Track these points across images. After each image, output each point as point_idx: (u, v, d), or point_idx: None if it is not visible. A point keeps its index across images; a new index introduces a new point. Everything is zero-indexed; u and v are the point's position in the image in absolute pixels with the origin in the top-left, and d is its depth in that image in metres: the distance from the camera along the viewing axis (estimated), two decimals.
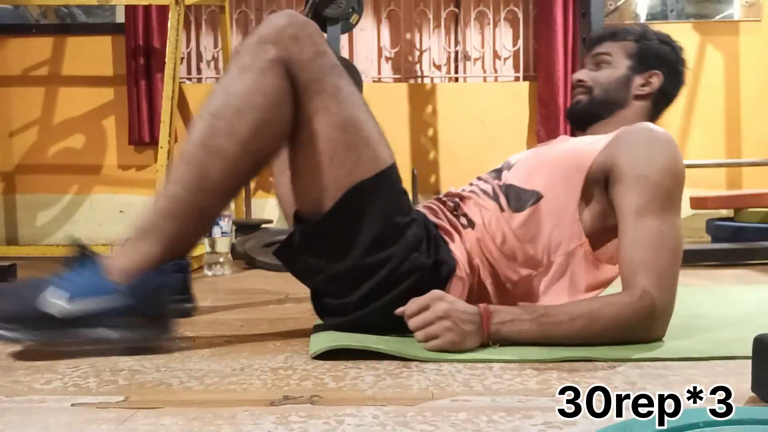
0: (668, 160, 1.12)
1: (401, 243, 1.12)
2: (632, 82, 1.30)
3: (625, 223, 1.11)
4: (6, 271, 2.05)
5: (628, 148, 1.14)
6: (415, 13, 3.39)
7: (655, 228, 1.09)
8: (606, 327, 1.06)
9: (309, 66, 1.07)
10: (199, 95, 3.24)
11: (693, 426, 0.64)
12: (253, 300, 1.65)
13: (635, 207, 1.10)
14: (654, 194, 1.10)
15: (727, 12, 3.33)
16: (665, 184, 1.11)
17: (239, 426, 0.76)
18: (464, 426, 0.75)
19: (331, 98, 1.08)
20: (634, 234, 1.10)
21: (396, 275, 1.12)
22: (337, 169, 1.09)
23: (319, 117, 1.08)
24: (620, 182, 1.13)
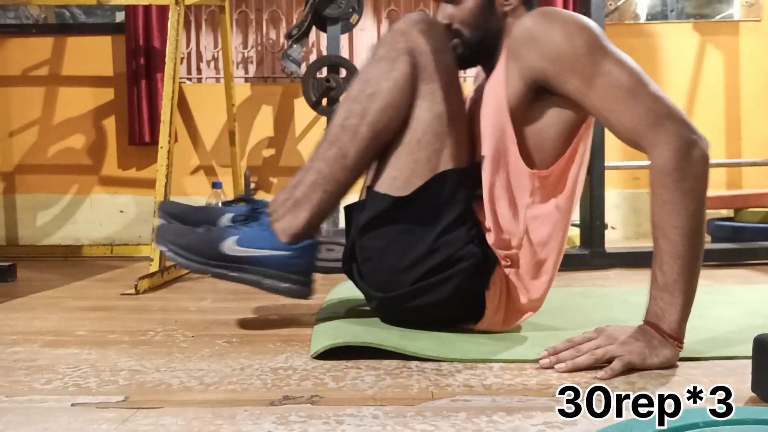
0: (561, 25, 1.09)
1: (461, 233, 1.16)
2: (494, 1, 1.23)
3: (585, 102, 1.08)
4: (6, 271, 2.05)
5: (528, 48, 1.11)
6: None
7: (609, 85, 1.05)
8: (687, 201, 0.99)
9: (429, 57, 1.17)
10: (199, 95, 3.24)
11: (693, 426, 0.64)
12: (253, 300, 1.65)
13: (580, 84, 1.07)
14: (579, 61, 1.07)
15: (727, 12, 3.33)
16: (576, 45, 1.07)
17: (239, 426, 0.76)
18: (464, 426, 0.75)
19: (440, 89, 1.17)
20: (600, 105, 1.06)
21: (448, 262, 1.15)
22: (421, 151, 1.17)
23: (423, 101, 1.17)
24: (550, 78, 1.10)
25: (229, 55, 2.82)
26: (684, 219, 0.99)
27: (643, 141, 1.03)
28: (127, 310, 1.57)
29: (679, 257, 0.99)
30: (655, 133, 1.01)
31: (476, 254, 1.15)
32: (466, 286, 1.15)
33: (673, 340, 0.99)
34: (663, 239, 1.00)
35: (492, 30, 1.24)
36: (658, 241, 1.01)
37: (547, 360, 1.00)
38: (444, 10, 1.24)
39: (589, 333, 1.03)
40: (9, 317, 1.47)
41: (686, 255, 0.99)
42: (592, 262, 2.23)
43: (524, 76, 1.13)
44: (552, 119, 1.16)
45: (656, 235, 1.01)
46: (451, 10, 1.24)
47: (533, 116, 1.17)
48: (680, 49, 3.29)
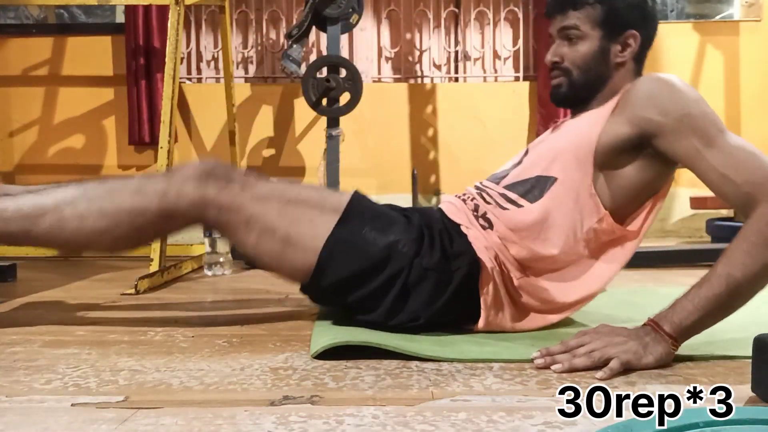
0: (689, 92, 1.14)
1: (397, 259, 1.17)
2: (609, 52, 1.24)
3: (700, 161, 1.10)
4: (6, 271, 2.05)
5: (650, 102, 1.14)
6: (415, 13, 3.39)
7: (731, 146, 1.09)
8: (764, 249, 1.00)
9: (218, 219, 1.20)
10: (199, 95, 3.24)
11: (693, 426, 0.64)
12: (253, 300, 1.65)
13: (699, 143, 1.10)
14: (704, 123, 1.11)
15: (727, 12, 3.33)
16: (704, 111, 1.12)
17: (239, 426, 0.76)
18: (464, 426, 0.75)
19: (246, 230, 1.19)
20: (717, 163, 1.08)
21: (411, 286, 1.17)
22: (298, 251, 1.19)
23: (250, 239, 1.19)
24: (665, 133, 1.12)
25: (229, 55, 2.82)
26: (756, 265, 1.00)
27: (761, 191, 1.04)
28: (127, 310, 1.57)
29: (725, 286, 0.99)
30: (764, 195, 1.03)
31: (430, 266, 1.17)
32: (450, 290, 1.17)
33: (669, 338, 0.99)
34: (723, 266, 1.01)
35: (600, 76, 1.25)
36: (717, 266, 1.01)
37: (542, 360, 1.00)
38: (559, 48, 1.27)
39: (583, 336, 1.03)
40: (9, 317, 1.47)
41: (732, 289, 0.99)
42: None
43: (633, 124, 1.15)
44: (632, 177, 1.19)
45: (719, 261, 1.02)
46: (566, 50, 1.26)
47: (615, 166, 1.19)
48: (680, 49, 3.29)
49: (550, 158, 1.23)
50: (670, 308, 1.02)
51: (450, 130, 3.32)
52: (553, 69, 1.28)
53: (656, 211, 1.24)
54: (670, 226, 3.25)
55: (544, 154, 1.25)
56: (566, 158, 1.20)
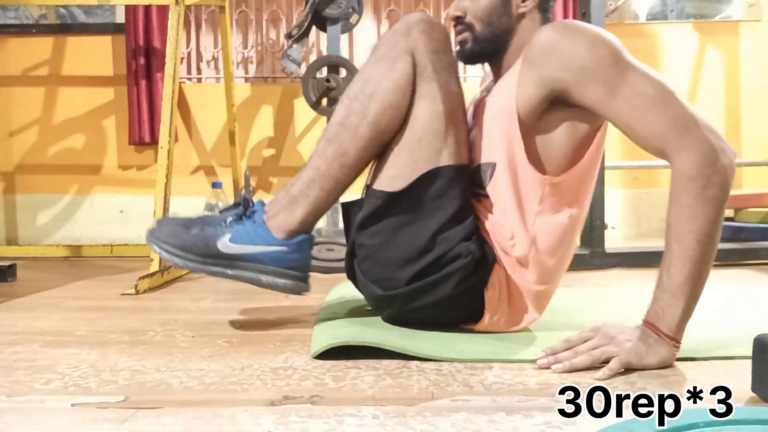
0: (583, 38, 1.09)
1: (458, 230, 1.16)
2: (511, 2, 1.23)
3: (608, 113, 1.08)
4: (6, 271, 2.05)
5: (549, 57, 1.10)
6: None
7: (633, 94, 1.05)
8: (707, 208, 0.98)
9: (429, 56, 1.18)
10: (199, 95, 3.24)
11: (693, 426, 0.64)
12: (253, 300, 1.65)
13: (602, 93, 1.07)
14: (603, 72, 1.06)
15: (727, 12, 3.33)
16: (600, 56, 1.07)
17: (239, 426, 0.76)
18: (464, 426, 0.75)
19: (439, 89, 1.18)
20: (623, 114, 1.06)
21: (444, 259, 1.15)
22: (422, 150, 1.17)
23: (423, 101, 1.18)
24: (569, 88, 1.10)
25: (229, 55, 2.82)
26: (701, 225, 0.98)
27: (669, 146, 1.02)
28: (127, 310, 1.57)
29: (689, 261, 0.99)
30: (683, 138, 1.01)
31: (473, 251, 1.15)
32: (465, 285, 1.15)
33: (670, 340, 0.99)
34: (676, 242, 1.00)
35: (504, 28, 1.24)
36: (671, 243, 1.00)
37: (545, 360, 1.00)
38: (460, 2, 1.25)
39: (586, 333, 1.03)
40: (9, 317, 1.47)
41: (696, 260, 0.99)
42: (592, 262, 2.23)
43: (541, 84, 1.12)
44: (563, 129, 1.16)
45: (669, 237, 1.01)
46: (467, 2, 1.24)
47: (544, 125, 1.16)
48: (680, 49, 3.29)
49: (485, 145, 1.20)
50: (655, 304, 1.01)
51: None
52: (457, 25, 1.27)
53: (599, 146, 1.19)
54: None
55: (479, 142, 1.22)
56: (499, 138, 1.18)
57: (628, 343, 0.99)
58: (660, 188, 3.22)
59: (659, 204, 1.13)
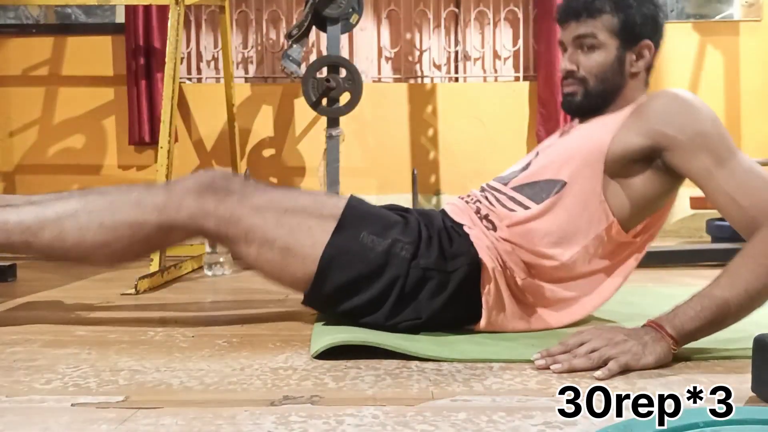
0: (706, 111, 1.14)
1: (395, 262, 1.17)
2: (625, 62, 1.24)
3: (710, 181, 1.11)
4: (6, 271, 2.05)
5: (666, 117, 1.14)
6: (415, 13, 3.39)
7: (742, 169, 1.10)
8: None
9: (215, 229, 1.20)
10: (199, 95, 3.24)
11: (693, 426, 0.64)
12: (253, 300, 1.65)
13: (711, 163, 1.11)
14: (717, 144, 1.11)
15: (727, 12, 3.33)
16: (719, 131, 1.12)
17: (239, 426, 0.76)
18: (464, 426, 0.75)
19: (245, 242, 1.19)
20: (726, 185, 1.09)
21: (411, 288, 1.17)
22: (298, 260, 1.19)
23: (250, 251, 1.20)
24: (678, 149, 1.13)
25: (229, 55, 2.82)
26: (759, 280, 1.00)
27: (756, 221, 1.05)
28: (127, 310, 1.57)
29: (726, 301, 1.00)
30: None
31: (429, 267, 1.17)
32: (450, 292, 1.18)
33: (670, 339, 0.99)
34: (727, 279, 1.02)
35: (615, 86, 1.25)
36: (721, 279, 1.02)
37: (542, 361, 1.00)
38: (574, 56, 1.26)
39: (583, 335, 1.03)
40: (9, 317, 1.47)
41: (734, 303, 1.00)
42: None
43: (647, 136, 1.15)
44: (640, 189, 1.19)
45: (723, 274, 1.03)
46: (582, 58, 1.25)
47: (624, 175, 1.19)
48: (680, 49, 3.29)
49: (560, 162, 1.23)
50: (671, 312, 1.02)
51: (450, 130, 3.32)
52: (567, 77, 1.27)
53: (660, 224, 1.26)
54: (670, 226, 3.25)
55: (555, 157, 1.25)
56: (577, 163, 1.20)
57: (625, 344, 0.99)
58: None
59: None
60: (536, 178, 1.24)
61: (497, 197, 1.26)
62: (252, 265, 1.23)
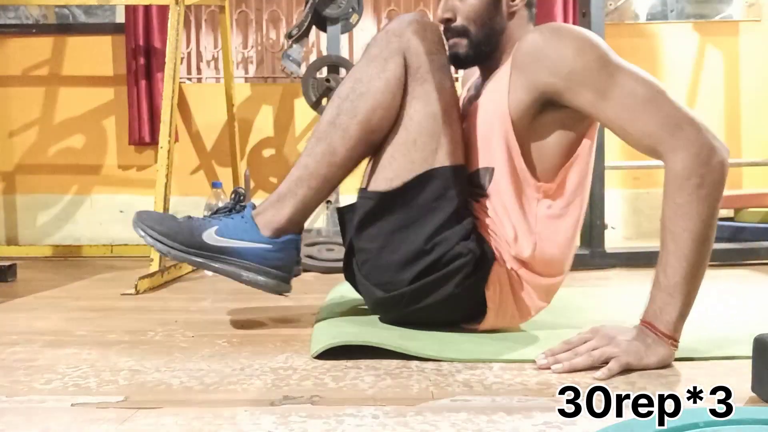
0: (571, 41, 1.09)
1: (457, 230, 1.15)
2: (501, 1, 1.22)
3: (599, 116, 1.09)
4: (6, 271, 2.05)
5: (538, 63, 1.11)
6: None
7: (624, 95, 1.05)
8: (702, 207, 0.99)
9: (422, 57, 1.18)
10: (199, 95, 3.24)
11: (693, 426, 0.64)
12: (253, 300, 1.65)
13: (593, 97, 1.07)
14: (593, 75, 1.07)
15: (727, 12, 3.33)
16: (589, 60, 1.08)
17: (239, 426, 0.76)
18: (464, 426, 0.75)
19: (433, 90, 1.18)
20: (614, 117, 1.06)
21: (445, 258, 1.15)
22: (417, 152, 1.17)
23: (417, 102, 1.17)
24: (560, 92, 1.10)
25: (229, 55, 2.82)
26: (696, 224, 0.99)
27: (662, 146, 1.03)
28: (127, 310, 1.57)
29: (685, 260, 0.99)
30: (676, 137, 1.01)
31: (473, 250, 1.15)
32: (467, 283, 1.15)
33: (668, 339, 0.99)
34: (671, 242, 1.00)
35: (496, 29, 1.24)
36: (666, 243, 1.01)
37: (545, 361, 1.00)
38: (448, 3, 1.24)
39: (585, 334, 1.03)
40: (9, 317, 1.47)
41: (692, 259, 0.99)
42: (592, 262, 2.23)
43: (531, 89, 1.13)
44: (555, 132, 1.17)
45: (664, 237, 1.01)
46: (457, 3, 1.23)
47: (537, 129, 1.17)
48: (680, 49, 3.29)
49: (481, 148, 1.21)
50: (652, 304, 1.01)
51: None
52: (448, 30, 1.25)
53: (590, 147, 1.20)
54: None
55: (474, 144, 1.22)
56: (493, 143, 1.18)
57: (627, 344, 0.99)
58: (660, 188, 3.21)
59: (659, 204, 1.12)
60: (473, 167, 1.22)
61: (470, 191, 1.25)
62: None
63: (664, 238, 1.01)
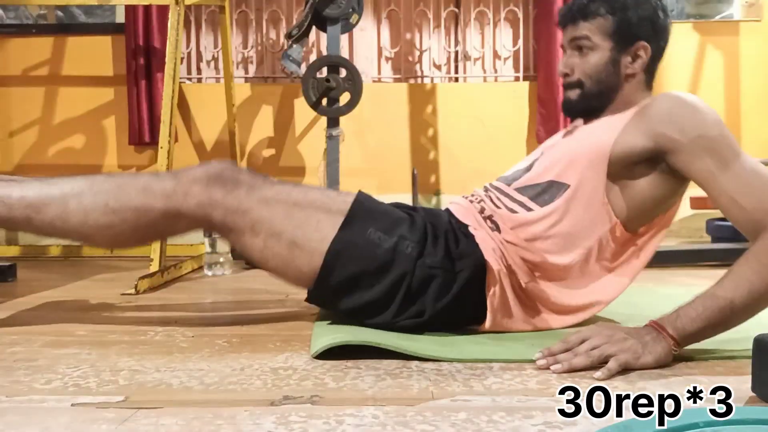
0: (709, 113, 1.14)
1: (401, 260, 1.17)
2: (620, 63, 1.25)
3: (713, 184, 1.11)
4: (6, 271, 2.05)
5: (669, 119, 1.15)
6: (415, 13, 3.39)
7: (745, 171, 1.10)
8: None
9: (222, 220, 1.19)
10: (199, 95, 3.23)
11: (693, 426, 0.64)
12: (253, 300, 1.65)
13: (714, 165, 1.11)
14: (721, 146, 1.11)
15: (727, 12, 3.33)
16: (722, 133, 1.12)
17: (239, 426, 0.76)
18: (464, 426, 0.75)
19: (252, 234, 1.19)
20: (730, 187, 1.10)
21: (417, 287, 1.17)
22: (304, 253, 1.18)
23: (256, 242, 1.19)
24: (680, 151, 1.13)
25: (229, 55, 2.82)
26: (761, 284, 1.00)
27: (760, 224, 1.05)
28: (127, 310, 1.57)
29: (729, 302, 1.00)
30: None
31: (434, 265, 1.17)
32: (463, 290, 1.17)
33: (671, 340, 1.00)
34: (730, 282, 1.02)
35: (611, 87, 1.26)
36: (724, 282, 1.02)
37: (544, 361, 1.00)
38: (569, 59, 1.27)
39: (584, 333, 1.03)
40: (9, 317, 1.47)
41: (737, 304, 1.00)
42: None
43: (650, 137, 1.16)
44: (644, 190, 1.20)
45: (726, 276, 1.03)
46: (577, 60, 1.26)
47: (628, 176, 1.20)
48: (680, 49, 3.28)
49: (564, 164, 1.23)
50: (673, 313, 1.02)
51: (450, 130, 3.32)
52: (565, 80, 1.29)
53: (665, 226, 1.26)
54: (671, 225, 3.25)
55: (558, 158, 1.25)
56: (580, 164, 1.21)
57: (625, 342, 0.99)
58: None
59: None
60: (540, 179, 1.24)
61: (501, 198, 1.26)
62: (257, 259, 1.22)
63: (725, 276, 1.03)
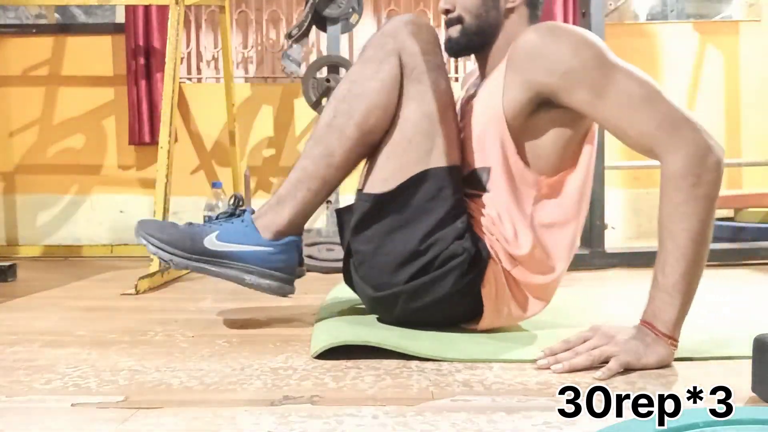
0: (568, 40, 1.10)
1: (451, 230, 1.16)
2: None
3: (596, 115, 1.09)
4: (6, 271, 2.05)
5: (534, 62, 1.11)
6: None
7: (622, 95, 1.06)
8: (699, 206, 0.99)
9: (417, 58, 1.19)
10: (199, 95, 3.23)
11: (693, 426, 0.64)
12: (253, 300, 1.65)
13: (589, 96, 1.08)
14: (590, 75, 1.07)
15: (727, 12, 3.33)
16: (586, 58, 1.08)
17: (239, 426, 0.76)
18: (464, 426, 0.75)
19: (428, 90, 1.18)
20: (611, 116, 1.07)
21: (440, 259, 1.15)
22: (412, 153, 1.17)
23: (412, 103, 1.18)
24: (556, 92, 1.11)
25: (229, 55, 2.82)
26: (694, 223, 0.99)
27: (659, 146, 1.03)
28: (127, 310, 1.57)
29: (683, 260, 0.99)
30: (672, 138, 1.02)
31: (468, 249, 1.15)
32: (463, 282, 1.15)
33: (668, 339, 0.99)
34: (669, 241, 1.00)
35: (492, 22, 1.25)
36: (664, 243, 1.01)
37: (545, 361, 1.00)
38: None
39: (585, 333, 1.03)
40: (9, 317, 1.47)
41: (691, 258, 0.99)
42: (592, 262, 2.23)
43: (527, 88, 1.14)
44: (552, 132, 1.17)
45: (662, 237, 1.02)
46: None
47: (532, 127, 1.17)
48: (680, 49, 3.28)
49: (477, 148, 1.21)
50: (651, 304, 1.02)
51: None
52: (446, 18, 1.28)
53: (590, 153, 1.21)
54: None
55: (470, 145, 1.23)
56: (489, 141, 1.18)
57: (627, 343, 0.99)
58: None
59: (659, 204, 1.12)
60: (470, 167, 1.23)
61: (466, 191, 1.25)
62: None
63: (662, 237, 1.02)
